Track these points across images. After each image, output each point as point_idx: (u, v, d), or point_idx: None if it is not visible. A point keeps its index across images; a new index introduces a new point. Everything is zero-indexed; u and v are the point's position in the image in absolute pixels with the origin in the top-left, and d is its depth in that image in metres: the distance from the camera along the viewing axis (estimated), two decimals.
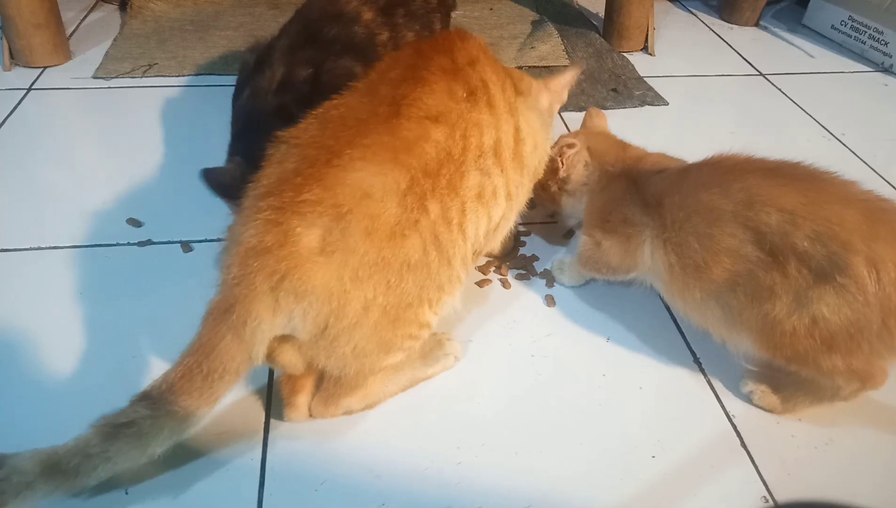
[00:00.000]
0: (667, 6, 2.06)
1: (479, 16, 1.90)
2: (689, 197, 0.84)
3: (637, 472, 0.79)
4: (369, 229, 0.70)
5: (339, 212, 0.69)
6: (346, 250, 0.69)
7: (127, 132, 1.35)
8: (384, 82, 0.83)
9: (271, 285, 0.67)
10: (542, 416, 0.85)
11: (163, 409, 0.67)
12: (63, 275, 1.01)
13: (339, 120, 0.78)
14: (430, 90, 0.81)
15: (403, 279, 0.73)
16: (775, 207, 0.76)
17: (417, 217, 0.74)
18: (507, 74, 0.93)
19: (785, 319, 0.76)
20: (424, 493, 0.76)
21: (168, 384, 0.67)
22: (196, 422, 0.69)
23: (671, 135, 1.45)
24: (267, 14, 1.82)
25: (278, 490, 0.75)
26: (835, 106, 1.56)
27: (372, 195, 0.71)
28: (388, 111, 0.78)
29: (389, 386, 0.84)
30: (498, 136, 0.85)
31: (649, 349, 0.94)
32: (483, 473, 0.78)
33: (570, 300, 1.02)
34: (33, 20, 1.49)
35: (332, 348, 0.72)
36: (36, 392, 0.84)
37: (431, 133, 0.78)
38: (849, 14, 1.79)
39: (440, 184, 0.77)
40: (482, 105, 0.84)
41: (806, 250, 0.74)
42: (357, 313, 0.71)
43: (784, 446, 0.82)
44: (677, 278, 0.85)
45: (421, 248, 0.74)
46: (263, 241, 0.68)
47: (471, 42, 0.90)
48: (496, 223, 0.87)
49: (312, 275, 0.68)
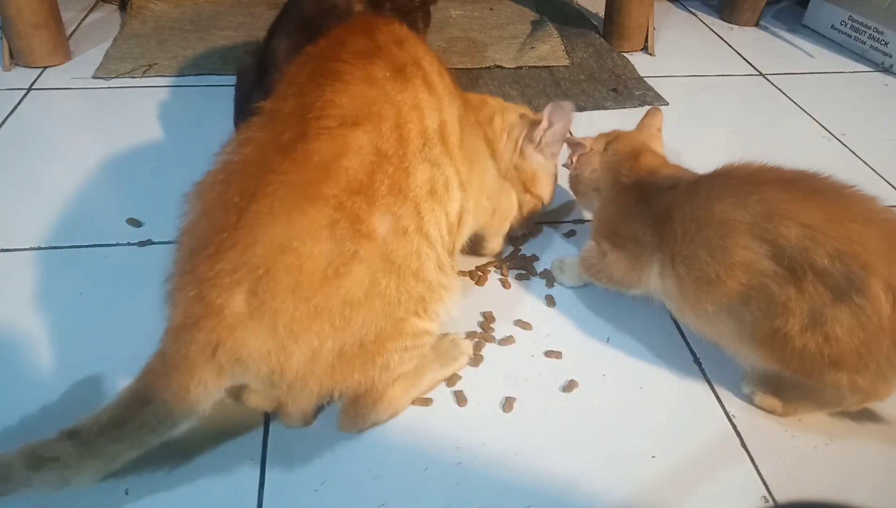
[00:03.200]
0: (667, 6, 2.06)
1: (479, 16, 1.90)
2: (701, 209, 0.82)
3: (637, 472, 0.79)
4: (293, 283, 0.66)
5: (256, 275, 0.65)
6: (273, 311, 0.66)
7: (127, 132, 1.34)
8: (291, 93, 0.76)
9: (206, 356, 0.66)
10: (542, 416, 0.85)
11: (91, 451, 0.66)
12: (63, 275, 1.01)
13: (241, 170, 0.71)
14: (342, 86, 0.72)
15: (350, 318, 0.68)
16: (795, 221, 0.75)
17: (354, 248, 0.68)
18: (446, 71, 0.85)
19: (797, 335, 0.75)
20: (424, 493, 0.76)
21: (100, 428, 0.66)
22: (124, 462, 0.69)
23: (671, 135, 1.44)
24: (267, 14, 1.82)
25: (278, 490, 0.75)
26: (835, 106, 1.56)
27: (288, 247, 0.66)
28: (292, 136, 0.70)
29: (411, 391, 0.83)
30: (442, 118, 0.77)
31: (649, 349, 0.94)
32: (483, 473, 0.78)
33: (570, 300, 1.02)
34: (33, 20, 1.49)
35: (291, 394, 0.71)
36: (36, 392, 0.84)
37: (350, 142, 0.70)
38: (849, 14, 1.79)
39: (379, 194, 0.70)
40: (417, 83, 0.75)
41: (825, 268, 0.72)
42: (303, 363, 0.68)
43: (784, 446, 0.82)
44: (688, 293, 0.83)
45: (367, 279, 0.69)
46: (190, 316, 0.67)
47: (397, 25, 0.82)
48: (456, 218, 0.81)
49: (245, 341, 0.66)
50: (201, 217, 0.72)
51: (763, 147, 0.87)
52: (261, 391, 0.72)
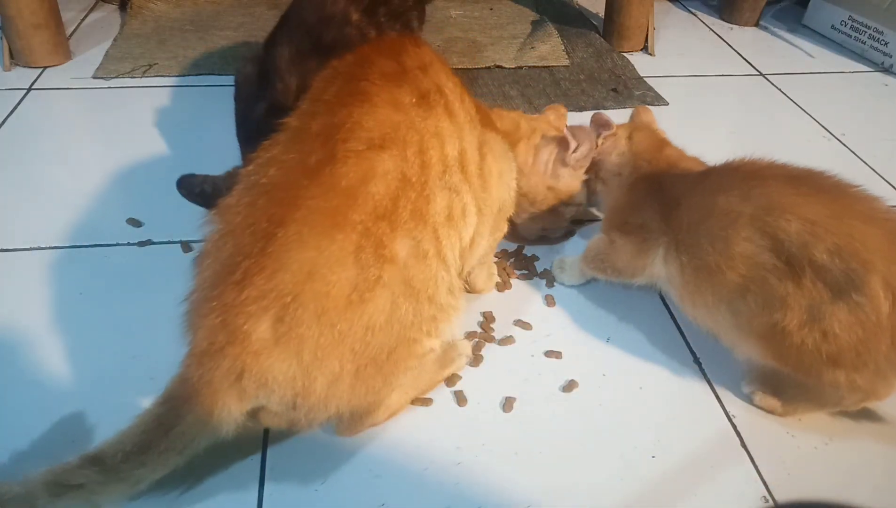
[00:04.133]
0: (667, 6, 2.06)
1: (479, 16, 1.90)
2: (706, 199, 0.83)
3: (637, 472, 0.79)
4: (319, 310, 0.66)
5: (283, 303, 0.66)
6: (299, 338, 0.66)
7: (127, 132, 1.34)
8: (318, 111, 0.76)
9: (231, 381, 0.66)
10: (542, 416, 0.85)
11: (115, 476, 0.66)
12: (63, 275, 1.01)
13: (267, 192, 0.71)
14: (370, 108, 0.73)
15: (370, 342, 0.69)
16: (797, 215, 0.75)
17: (378, 274, 0.69)
18: (467, 94, 0.86)
19: (795, 331, 0.75)
20: (424, 493, 0.76)
21: (124, 456, 0.66)
22: (149, 484, 0.69)
23: (671, 135, 1.44)
24: (267, 14, 1.82)
25: (278, 490, 0.75)
26: (835, 106, 1.56)
27: (315, 274, 0.66)
28: (320, 158, 0.70)
29: (409, 392, 0.83)
30: (462, 146, 0.79)
31: (649, 349, 0.94)
32: (483, 473, 0.78)
33: (570, 300, 1.02)
34: (33, 20, 1.48)
35: (309, 417, 0.71)
36: (36, 392, 0.84)
37: (377, 167, 0.71)
38: (849, 14, 1.79)
39: (401, 219, 0.71)
40: (439, 111, 0.77)
41: (824, 264, 0.72)
42: (325, 386, 0.68)
43: (784, 446, 0.82)
44: (689, 282, 0.84)
45: (388, 305, 0.70)
46: (215, 343, 0.66)
47: (425, 49, 0.84)
48: (468, 242, 0.82)
49: (271, 367, 0.66)
50: (227, 240, 0.71)
51: (763, 147, 0.87)
52: (279, 413, 0.72)
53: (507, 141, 0.94)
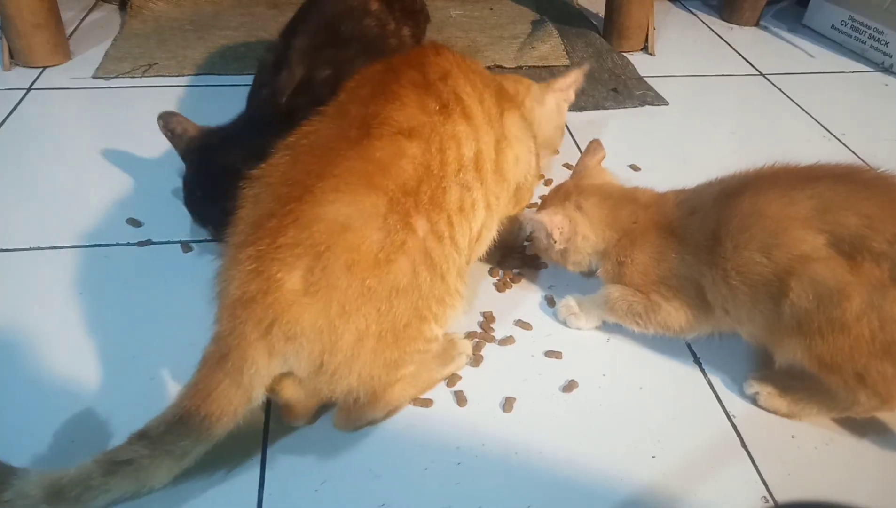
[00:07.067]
0: (667, 6, 2.06)
1: (479, 16, 1.90)
2: (750, 216, 0.80)
3: (637, 472, 0.79)
4: (350, 262, 0.70)
5: (317, 251, 0.69)
6: (329, 288, 0.69)
7: (127, 132, 1.35)
8: (354, 102, 0.83)
9: (261, 332, 0.68)
10: (542, 416, 0.85)
11: (160, 449, 0.68)
12: (63, 275, 1.01)
13: (308, 151, 0.77)
14: (401, 105, 0.80)
15: (394, 305, 0.72)
16: (853, 211, 0.75)
17: (404, 238, 0.73)
18: (488, 86, 0.92)
19: (853, 323, 0.73)
20: (424, 493, 0.76)
21: (166, 426, 0.69)
22: (194, 458, 0.70)
23: (671, 135, 1.45)
24: (266, 14, 1.82)
25: (278, 490, 0.75)
26: (835, 106, 1.56)
27: (349, 227, 0.71)
28: (358, 133, 0.77)
29: (409, 390, 0.84)
30: (478, 147, 0.85)
31: (649, 349, 0.94)
32: (483, 473, 0.78)
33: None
34: (33, 20, 1.49)
35: (333, 381, 0.72)
36: (36, 392, 0.84)
37: (406, 149, 0.77)
38: (849, 14, 1.79)
39: (422, 200, 0.76)
40: (456, 116, 0.83)
41: (884, 252, 0.73)
42: (351, 345, 0.71)
43: (784, 446, 0.82)
44: (745, 303, 0.81)
45: (410, 270, 0.74)
46: (248, 291, 0.69)
47: (444, 56, 0.90)
48: (477, 233, 0.87)
49: (300, 317, 0.68)
50: (264, 191, 0.75)
51: (763, 147, 0.87)
52: (300, 381, 0.74)
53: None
